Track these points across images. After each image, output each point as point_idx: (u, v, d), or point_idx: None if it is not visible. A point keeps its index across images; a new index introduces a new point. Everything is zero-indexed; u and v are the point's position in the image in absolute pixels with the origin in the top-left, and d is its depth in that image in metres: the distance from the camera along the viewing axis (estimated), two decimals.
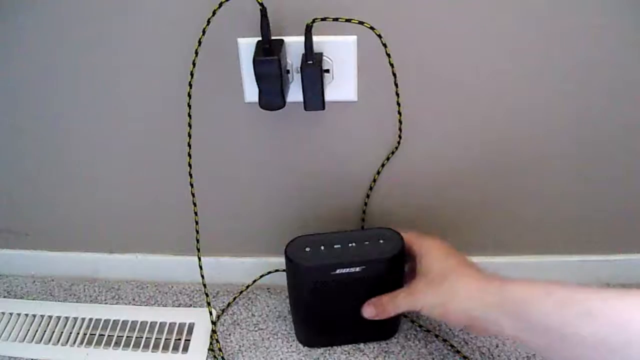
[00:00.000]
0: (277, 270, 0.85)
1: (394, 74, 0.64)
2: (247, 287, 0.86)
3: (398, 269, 0.65)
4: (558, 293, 0.50)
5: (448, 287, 0.56)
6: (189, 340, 0.80)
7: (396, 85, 0.65)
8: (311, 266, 0.64)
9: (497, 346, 0.75)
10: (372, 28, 0.60)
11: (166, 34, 0.64)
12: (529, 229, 0.81)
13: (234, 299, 0.85)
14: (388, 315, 0.62)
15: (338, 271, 0.63)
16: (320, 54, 0.63)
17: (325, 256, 0.64)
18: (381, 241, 0.64)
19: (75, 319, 0.84)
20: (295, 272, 0.66)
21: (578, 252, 0.82)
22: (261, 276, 0.86)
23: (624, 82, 0.65)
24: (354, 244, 0.64)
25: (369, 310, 0.64)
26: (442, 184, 0.76)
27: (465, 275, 0.56)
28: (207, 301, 0.80)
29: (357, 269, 0.63)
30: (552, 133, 0.70)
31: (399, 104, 0.67)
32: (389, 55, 0.62)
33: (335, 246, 0.64)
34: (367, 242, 0.64)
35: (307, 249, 0.65)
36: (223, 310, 0.84)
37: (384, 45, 0.61)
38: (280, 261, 0.86)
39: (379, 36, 0.60)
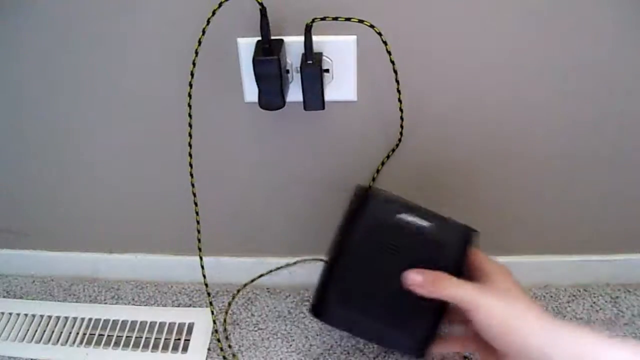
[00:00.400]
0: (278, 268, 0.85)
1: (395, 72, 0.64)
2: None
3: (462, 254, 0.56)
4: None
5: (518, 310, 0.50)
6: (189, 340, 0.80)
7: (397, 82, 0.65)
8: (382, 196, 0.56)
9: None
10: (372, 26, 0.60)
11: (166, 34, 0.64)
12: (529, 229, 0.81)
13: (233, 297, 0.85)
14: (433, 292, 0.52)
15: (404, 215, 0.56)
16: (320, 54, 0.63)
17: (398, 198, 0.57)
18: (455, 222, 0.58)
19: (75, 318, 0.84)
20: (361, 202, 0.57)
21: (578, 252, 0.82)
22: (260, 276, 0.86)
23: (625, 83, 0.65)
24: (429, 210, 0.58)
25: (413, 275, 0.52)
26: (442, 183, 0.76)
27: (533, 309, 0.50)
28: (208, 301, 0.80)
29: (425, 223, 0.56)
30: (553, 133, 0.70)
31: (400, 101, 0.67)
32: (389, 52, 0.62)
33: (410, 202, 0.57)
34: (441, 216, 0.58)
35: (382, 191, 0.58)
36: (226, 312, 0.84)
37: (385, 43, 0.61)
38: (280, 262, 0.86)
39: (379, 34, 0.60)
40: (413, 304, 0.54)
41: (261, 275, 0.86)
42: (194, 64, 0.63)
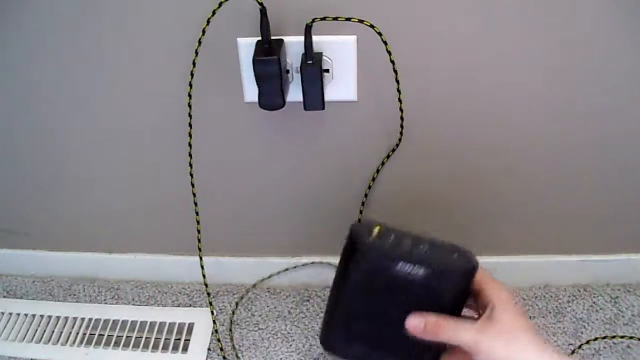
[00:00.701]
0: (286, 269, 0.85)
1: (395, 71, 0.64)
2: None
3: (463, 291, 0.57)
4: None
5: (519, 349, 0.51)
6: (189, 340, 0.80)
7: (397, 82, 0.65)
8: (374, 249, 0.56)
9: None
10: (372, 26, 0.60)
11: (166, 34, 0.64)
12: (529, 228, 0.81)
13: (242, 298, 0.85)
14: (435, 337, 0.54)
15: (400, 265, 0.55)
16: (320, 54, 0.63)
17: (392, 245, 0.56)
18: (455, 255, 0.57)
19: (75, 318, 0.84)
20: (353, 251, 0.57)
21: (578, 252, 0.82)
22: (262, 279, 0.86)
23: (626, 83, 0.65)
24: (426, 247, 0.57)
25: (415, 322, 0.55)
26: (442, 183, 0.76)
27: (536, 343, 0.51)
28: (208, 301, 0.80)
29: (421, 271, 0.56)
30: (553, 133, 0.70)
31: (400, 101, 0.67)
32: (389, 52, 0.62)
33: (406, 241, 0.56)
34: (440, 250, 0.57)
35: (375, 233, 0.57)
36: (233, 312, 0.84)
37: (385, 42, 0.61)
38: (279, 262, 0.86)
39: (379, 34, 0.60)
40: (416, 341, 0.55)
41: (263, 279, 0.86)
42: (194, 64, 0.63)
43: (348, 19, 0.59)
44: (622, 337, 0.78)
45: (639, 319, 0.80)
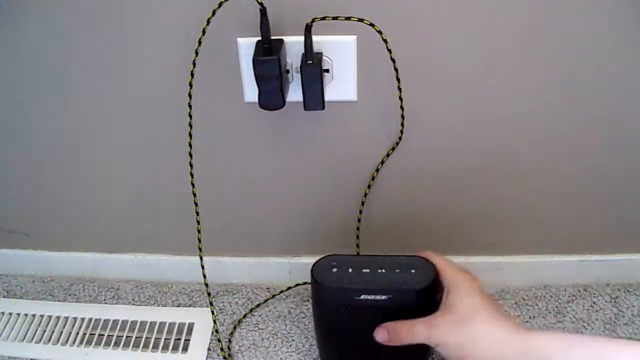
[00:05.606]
0: (305, 283, 0.86)
1: (396, 69, 0.64)
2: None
3: (428, 301, 0.60)
4: (583, 348, 0.46)
5: (470, 331, 0.52)
6: (189, 340, 0.80)
7: (398, 80, 0.65)
8: (335, 288, 0.61)
9: None
10: (372, 25, 0.60)
11: (166, 34, 0.64)
12: (529, 228, 0.81)
13: (241, 297, 0.85)
14: (400, 342, 0.57)
15: (363, 297, 0.60)
16: (320, 54, 0.63)
17: (352, 279, 0.61)
18: (413, 270, 0.61)
19: (75, 318, 0.84)
20: (319, 291, 0.63)
21: (578, 252, 0.82)
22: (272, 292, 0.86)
23: (625, 83, 0.65)
24: (383, 270, 0.61)
25: (381, 334, 0.58)
26: (442, 183, 0.76)
27: (490, 322, 0.52)
28: (208, 301, 0.80)
29: (383, 297, 0.60)
30: (553, 132, 0.70)
31: (401, 99, 0.67)
32: (390, 50, 0.62)
33: (364, 270, 0.61)
34: (397, 270, 0.61)
35: (334, 270, 0.62)
36: (233, 312, 0.84)
37: (385, 41, 0.61)
38: (279, 262, 0.86)
39: (380, 32, 0.60)
40: (398, 351, 0.59)
41: (263, 280, 0.86)
42: (194, 64, 0.63)
43: (348, 18, 0.59)
44: (622, 337, 0.78)
45: (639, 319, 0.80)
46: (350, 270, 0.61)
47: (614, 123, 0.69)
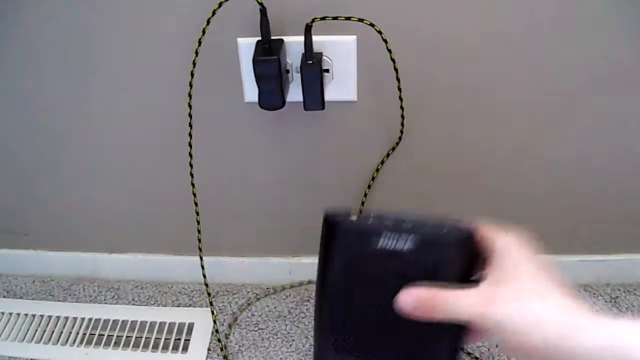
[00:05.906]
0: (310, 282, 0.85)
1: (396, 69, 0.64)
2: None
3: (462, 264, 0.47)
4: None
5: (540, 310, 0.39)
6: (189, 340, 0.80)
7: (398, 80, 0.65)
8: (350, 230, 0.49)
9: None
10: (372, 25, 0.60)
11: (166, 34, 0.64)
12: (529, 228, 0.80)
13: (241, 297, 0.85)
14: (433, 316, 0.42)
15: (382, 243, 0.47)
16: (320, 54, 0.63)
17: (373, 223, 0.48)
18: (445, 223, 0.47)
19: (75, 318, 0.84)
20: (328, 238, 0.51)
21: (578, 252, 0.82)
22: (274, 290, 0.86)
23: (625, 83, 0.65)
24: (411, 222, 0.48)
25: (406, 300, 0.43)
26: (442, 183, 0.76)
27: (561, 303, 0.40)
28: (208, 301, 0.80)
29: (406, 247, 0.47)
30: (553, 132, 0.70)
31: (401, 99, 0.67)
32: (389, 50, 0.62)
33: (387, 221, 0.48)
34: (426, 225, 0.47)
35: (352, 217, 0.50)
36: (233, 312, 0.84)
37: (385, 41, 0.61)
38: (280, 262, 0.86)
39: (380, 32, 0.60)
40: (423, 333, 0.46)
41: (263, 280, 0.86)
42: (194, 64, 0.63)
43: (348, 18, 0.59)
44: None
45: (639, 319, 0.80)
46: (371, 218, 0.49)
47: (613, 123, 0.69)
